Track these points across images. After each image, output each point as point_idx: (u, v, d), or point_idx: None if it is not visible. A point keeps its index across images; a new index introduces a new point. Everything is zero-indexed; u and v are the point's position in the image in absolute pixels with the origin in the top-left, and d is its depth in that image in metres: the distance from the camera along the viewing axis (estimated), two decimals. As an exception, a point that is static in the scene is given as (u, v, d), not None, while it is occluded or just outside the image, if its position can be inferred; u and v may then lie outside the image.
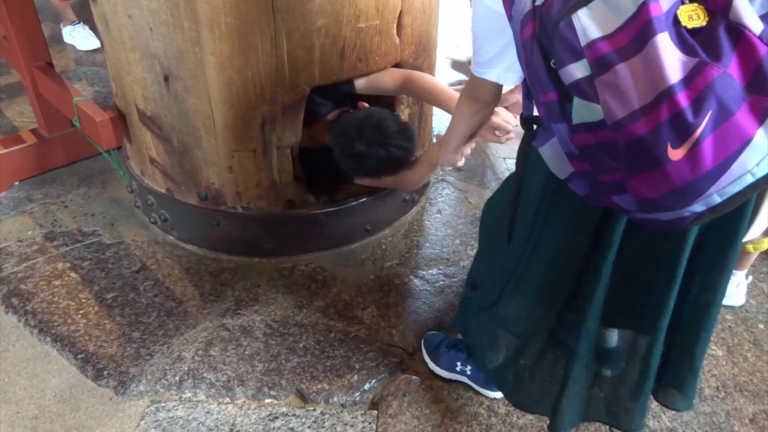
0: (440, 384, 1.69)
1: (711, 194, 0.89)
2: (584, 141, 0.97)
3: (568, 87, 0.94)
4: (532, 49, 0.97)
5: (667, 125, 0.85)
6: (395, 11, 1.78)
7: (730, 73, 0.84)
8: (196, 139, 1.83)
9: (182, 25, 1.63)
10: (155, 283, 1.95)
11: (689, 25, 0.87)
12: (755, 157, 0.86)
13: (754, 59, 0.84)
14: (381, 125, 1.74)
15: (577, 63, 0.91)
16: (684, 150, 0.85)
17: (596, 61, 0.88)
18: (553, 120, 1.00)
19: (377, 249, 2.11)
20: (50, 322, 1.80)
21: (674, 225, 0.96)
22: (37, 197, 2.30)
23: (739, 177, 0.87)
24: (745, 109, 0.85)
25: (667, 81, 0.84)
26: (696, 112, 0.84)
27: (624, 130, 0.88)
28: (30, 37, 2.13)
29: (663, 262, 1.21)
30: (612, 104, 0.88)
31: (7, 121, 2.74)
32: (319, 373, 1.69)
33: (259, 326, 1.82)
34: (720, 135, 0.85)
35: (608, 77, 0.87)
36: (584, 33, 0.88)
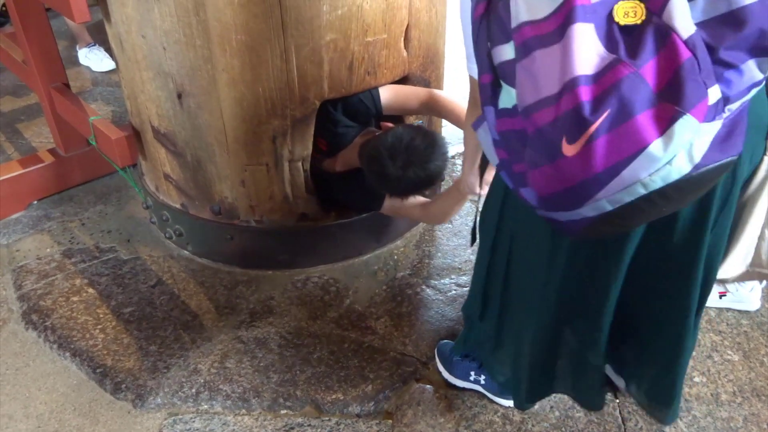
0: (454, 393, 1.70)
1: (600, 199, 0.85)
2: (503, 127, 0.96)
3: (496, 68, 0.93)
4: (480, 28, 0.95)
5: (565, 117, 0.82)
6: (402, 25, 1.81)
7: (642, 75, 0.80)
8: (209, 154, 1.87)
9: (194, 44, 1.67)
10: (171, 297, 1.98)
11: (622, 22, 0.83)
12: (648, 167, 0.81)
13: (673, 64, 0.80)
14: (412, 145, 1.71)
15: (506, 45, 0.90)
16: (577, 147, 0.82)
17: (521, 45, 0.87)
18: (485, 103, 0.98)
19: (389, 260, 2.13)
20: (69, 338, 1.83)
21: (569, 228, 0.93)
22: (55, 215, 2.35)
23: (630, 185, 0.83)
24: (648, 115, 0.80)
25: (573, 72, 0.81)
26: (594, 109, 0.80)
27: (530, 118, 0.87)
28: (48, 59, 2.19)
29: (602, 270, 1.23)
30: (525, 90, 0.87)
31: (26, 142, 2.80)
32: (334, 383, 1.70)
33: (274, 338, 1.84)
34: (615, 137, 0.80)
35: (527, 62, 0.86)
36: (516, 15, 0.87)
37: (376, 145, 1.72)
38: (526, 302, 1.38)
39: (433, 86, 2.07)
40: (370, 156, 1.74)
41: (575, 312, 1.34)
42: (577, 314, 1.34)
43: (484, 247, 1.41)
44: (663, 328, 1.32)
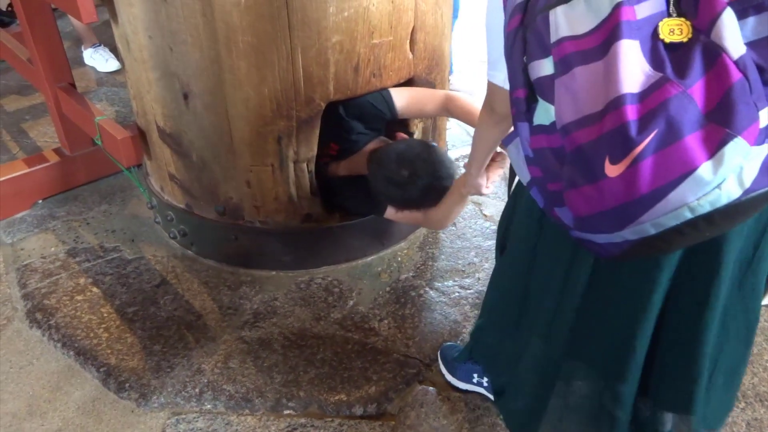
0: (457, 395, 1.70)
1: (644, 222, 0.81)
2: (538, 144, 0.93)
3: (533, 84, 0.91)
4: (515, 41, 0.93)
5: (608, 137, 0.79)
6: (408, 27, 1.81)
7: (691, 95, 0.77)
8: (215, 154, 1.87)
9: (201, 45, 1.67)
10: (175, 297, 1.98)
11: (668, 39, 0.81)
12: (696, 191, 0.78)
13: (723, 85, 0.77)
14: (422, 156, 1.72)
15: (544, 60, 0.88)
16: (622, 167, 0.79)
17: (560, 60, 0.85)
18: (518, 119, 0.96)
19: (393, 261, 2.13)
20: (73, 336, 1.84)
21: (608, 251, 0.89)
22: (60, 215, 2.35)
23: (676, 209, 0.79)
24: (697, 137, 0.77)
25: (619, 90, 0.79)
26: (641, 128, 0.77)
27: (569, 136, 0.84)
28: (54, 59, 2.20)
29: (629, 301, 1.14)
30: (564, 107, 0.85)
31: (31, 142, 2.81)
32: (337, 384, 1.70)
33: (277, 338, 1.84)
34: (662, 158, 0.77)
35: (566, 79, 0.84)
36: (556, 30, 0.85)
37: (387, 151, 1.73)
38: (540, 327, 1.32)
39: (438, 88, 2.08)
40: (379, 160, 1.74)
41: (592, 351, 1.24)
42: (595, 353, 1.23)
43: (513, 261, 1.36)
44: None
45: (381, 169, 1.73)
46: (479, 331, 1.60)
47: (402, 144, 1.74)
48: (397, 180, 1.69)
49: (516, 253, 1.35)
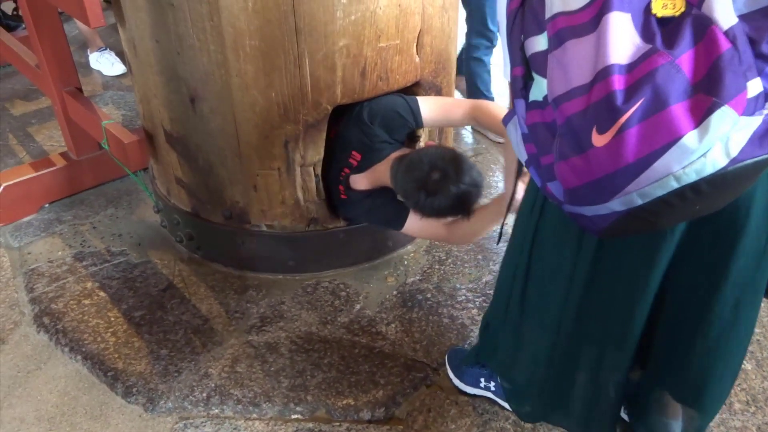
0: (465, 399, 1.69)
1: (630, 192, 0.82)
2: (532, 119, 0.94)
3: (528, 60, 0.92)
4: (514, 20, 0.95)
5: (595, 107, 0.80)
6: (415, 31, 1.81)
7: (679, 65, 0.78)
8: (221, 158, 1.87)
9: (208, 48, 1.67)
10: (182, 301, 1.98)
11: (660, 14, 0.82)
12: (682, 159, 0.78)
13: (711, 55, 0.77)
14: (455, 161, 1.65)
15: (539, 36, 0.90)
16: (608, 137, 0.80)
17: (554, 35, 0.86)
18: (515, 96, 0.97)
19: (400, 265, 2.13)
20: (81, 341, 1.84)
21: (596, 225, 0.90)
22: (67, 218, 2.36)
23: (662, 178, 0.80)
24: (684, 106, 0.77)
25: (607, 60, 0.80)
26: (627, 97, 0.78)
27: (560, 108, 0.85)
28: (60, 63, 2.20)
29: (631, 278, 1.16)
30: (555, 81, 0.86)
31: (37, 146, 2.82)
32: (345, 388, 1.70)
33: (284, 342, 1.84)
34: (648, 127, 0.78)
35: (558, 53, 0.85)
36: (551, 6, 0.87)
37: (419, 155, 1.67)
38: (543, 315, 1.34)
39: (444, 92, 2.07)
40: (409, 164, 1.66)
41: (597, 330, 1.28)
42: (600, 333, 1.27)
43: (514, 250, 1.37)
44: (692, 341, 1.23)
45: (410, 174, 1.65)
46: (484, 330, 1.60)
47: (432, 149, 1.70)
48: (427, 185, 1.62)
49: (516, 240, 1.35)
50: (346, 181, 1.84)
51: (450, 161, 1.65)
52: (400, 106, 1.82)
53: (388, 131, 1.81)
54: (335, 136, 1.86)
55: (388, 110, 1.81)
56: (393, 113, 1.81)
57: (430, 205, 1.66)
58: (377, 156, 1.79)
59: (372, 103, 1.83)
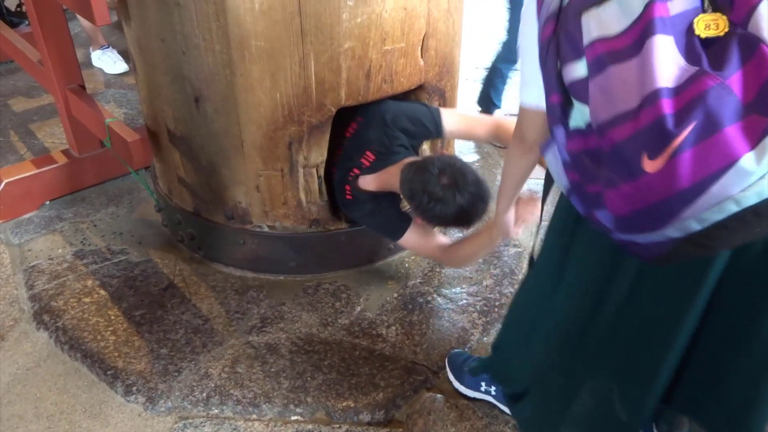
0: (465, 403, 1.69)
1: (687, 218, 0.80)
2: (575, 147, 0.93)
3: (567, 87, 0.91)
4: (548, 47, 0.93)
5: (645, 132, 0.79)
6: (420, 34, 1.81)
7: (730, 86, 0.76)
8: (225, 158, 1.87)
9: (214, 49, 1.68)
10: (182, 301, 1.98)
11: (704, 35, 0.80)
12: (740, 182, 0.76)
13: (762, 75, 0.76)
14: (463, 171, 1.65)
15: (577, 62, 0.88)
16: (661, 162, 0.78)
17: (594, 60, 0.85)
18: (554, 123, 0.96)
19: (400, 268, 2.13)
20: (80, 339, 1.83)
21: (652, 252, 0.88)
22: (67, 216, 2.35)
23: (720, 202, 0.77)
24: (738, 127, 0.76)
25: (654, 84, 0.78)
26: (678, 121, 0.76)
27: (606, 135, 0.83)
28: (64, 60, 2.20)
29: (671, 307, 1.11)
30: (599, 107, 0.84)
31: (39, 143, 2.81)
32: (345, 390, 1.70)
33: (285, 344, 1.83)
34: (702, 150, 0.76)
35: (600, 79, 0.84)
36: (589, 32, 0.86)
37: (430, 159, 1.67)
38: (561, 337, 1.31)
39: (448, 96, 2.08)
40: (420, 167, 1.66)
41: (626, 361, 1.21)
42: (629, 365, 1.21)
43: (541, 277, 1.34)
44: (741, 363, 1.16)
45: (419, 175, 1.65)
46: (498, 350, 1.58)
47: (446, 157, 1.70)
48: (435, 190, 1.61)
49: (545, 265, 1.32)
50: (355, 182, 1.84)
51: (460, 170, 1.65)
52: (424, 115, 1.84)
53: (408, 136, 1.83)
54: (352, 135, 1.87)
55: (413, 117, 1.84)
56: (417, 121, 1.84)
57: (432, 210, 1.66)
58: (392, 159, 1.79)
59: (396, 106, 1.85)
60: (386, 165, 1.80)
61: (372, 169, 1.83)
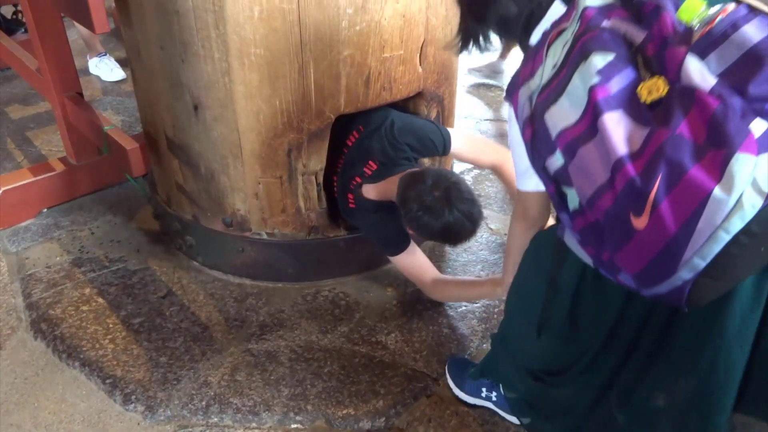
0: (465, 410, 1.69)
1: (690, 258, 0.85)
2: (579, 225, 1.02)
3: (554, 177, 1.02)
4: (533, 147, 1.05)
5: (623, 195, 0.87)
6: (419, 41, 1.82)
7: (680, 134, 0.84)
8: (224, 166, 1.87)
9: (213, 56, 1.68)
10: (181, 309, 1.97)
11: (649, 100, 0.89)
12: (720, 212, 0.82)
13: (705, 115, 0.83)
14: (457, 186, 1.64)
15: (554, 154, 0.99)
16: (645, 217, 0.85)
17: (565, 149, 0.96)
18: (559, 210, 1.07)
19: (399, 275, 2.11)
20: (79, 347, 1.83)
21: (677, 298, 0.92)
22: (65, 224, 2.35)
23: (712, 235, 0.83)
24: (700, 167, 0.82)
25: (617, 153, 0.88)
26: (646, 178, 0.85)
27: (595, 207, 0.93)
28: (62, 68, 2.20)
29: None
30: (582, 186, 0.95)
31: (35, 150, 2.81)
32: (345, 398, 1.69)
33: (284, 351, 1.83)
34: (676, 196, 0.83)
35: (575, 161, 0.94)
36: (554, 127, 0.97)
37: (426, 170, 1.68)
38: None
39: (447, 103, 2.09)
40: (414, 177, 1.67)
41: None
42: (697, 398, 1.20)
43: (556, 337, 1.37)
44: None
45: (412, 185, 1.65)
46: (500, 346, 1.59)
47: (444, 171, 1.71)
48: (426, 201, 1.61)
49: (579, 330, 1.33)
50: (358, 190, 1.84)
51: (453, 186, 1.64)
52: (434, 135, 1.86)
53: (414, 151, 1.84)
54: (354, 144, 1.87)
55: (421, 134, 1.85)
56: (425, 138, 1.85)
57: (419, 220, 1.64)
58: (394, 170, 1.79)
59: (405, 119, 1.87)
60: (387, 175, 1.81)
61: (374, 178, 1.83)
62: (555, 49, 1.01)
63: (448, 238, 1.71)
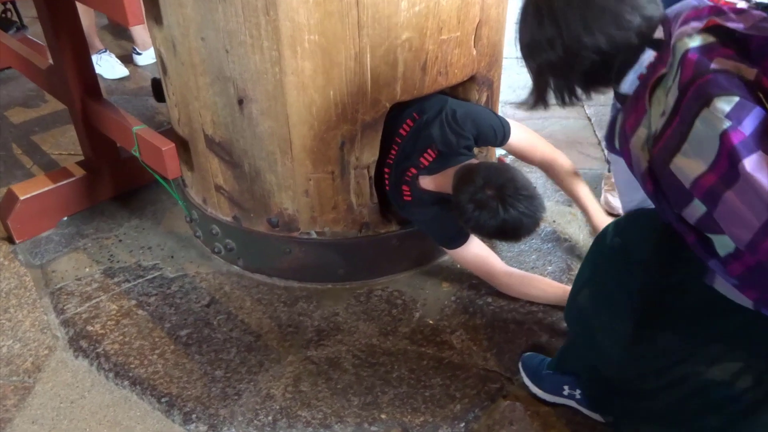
0: (546, 409, 1.60)
1: None
2: (737, 270, 0.99)
3: (695, 226, 0.99)
4: (659, 200, 1.04)
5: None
6: (474, 22, 1.71)
7: None
8: (270, 163, 1.75)
9: (261, 45, 1.55)
10: (228, 317, 1.85)
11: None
12: None
13: None
14: (513, 181, 1.53)
15: (691, 204, 0.97)
16: None
17: (704, 197, 0.93)
18: (707, 259, 1.03)
19: (453, 268, 2.03)
20: (126, 365, 1.70)
21: None
22: (88, 232, 2.20)
23: None
24: None
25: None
26: None
27: (758, 250, 0.90)
28: (81, 66, 2.05)
29: None
30: (737, 231, 0.91)
31: (45, 155, 2.65)
32: (420, 404, 1.60)
33: (346, 357, 1.72)
34: None
35: (721, 208, 0.91)
36: (685, 176, 0.94)
37: (479, 166, 1.59)
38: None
39: (495, 87, 1.99)
40: (468, 172, 1.58)
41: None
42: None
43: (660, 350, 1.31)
44: None
45: (464, 183, 1.57)
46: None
47: (497, 164, 1.61)
48: (478, 198, 1.52)
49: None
50: (414, 182, 1.74)
51: (509, 182, 1.54)
52: (495, 124, 1.77)
53: (475, 140, 1.74)
54: (410, 132, 1.76)
55: (482, 122, 1.75)
56: (487, 126, 1.75)
57: (474, 221, 1.56)
58: (453, 160, 1.69)
59: (464, 105, 1.77)
60: (446, 166, 1.71)
61: (430, 170, 1.73)
62: (658, 97, 1.00)
63: (508, 236, 1.62)
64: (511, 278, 1.85)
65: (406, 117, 1.77)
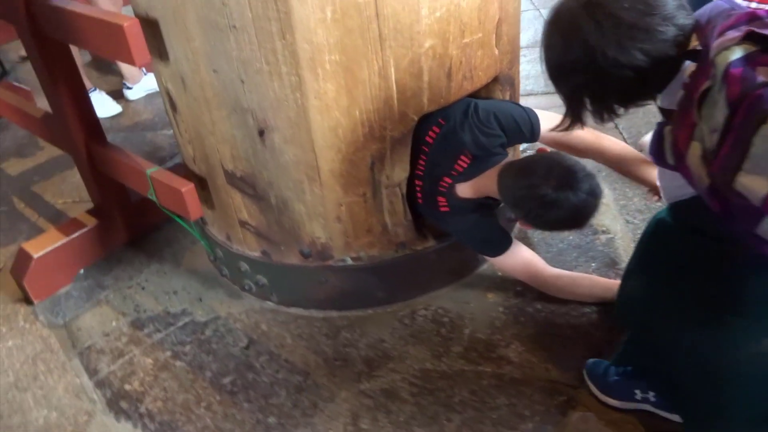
0: (619, 416, 1.52)
1: None
2: None
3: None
4: (728, 218, 1.01)
5: None
6: (494, 20, 1.63)
7: None
8: (298, 192, 1.66)
9: (280, 71, 1.46)
10: (271, 358, 1.76)
11: None
12: None
13: None
14: (572, 169, 1.47)
15: (763, 220, 0.95)
16: None
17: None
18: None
19: (494, 276, 1.94)
20: (173, 422, 1.61)
21: None
22: (108, 283, 2.11)
23: None
24: None
25: None
26: None
27: None
28: (81, 112, 1.95)
29: None
30: None
31: (49, 205, 2.55)
32: (489, 427, 1.51)
33: (402, 386, 1.64)
34: None
35: None
36: (754, 194, 0.90)
37: (532, 160, 1.51)
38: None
39: (516, 83, 1.90)
40: (523, 169, 1.51)
41: None
42: None
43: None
44: None
45: (523, 181, 1.49)
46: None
47: (546, 155, 1.53)
48: (545, 194, 1.45)
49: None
50: (450, 191, 1.65)
51: (567, 169, 1.48)
52: (520, 116, 1.67)
53: (505, 135, 1.65)
54: (437, 139, 1.67)
55: (507, 116, 1.65)
56: (510, 119, 1.65)
57: (543, 217, 1.50)
58: (489, 162, 1.61)
59: (485, 102, 1.68)
60: (483, 169, 1.62)
61: (467, 176, 1.65)
62: (707, 111, 0.95)
63: (575, 223, 1.55)
64: (560, 280, 1.77)
65: (432, 125, 1.68)
